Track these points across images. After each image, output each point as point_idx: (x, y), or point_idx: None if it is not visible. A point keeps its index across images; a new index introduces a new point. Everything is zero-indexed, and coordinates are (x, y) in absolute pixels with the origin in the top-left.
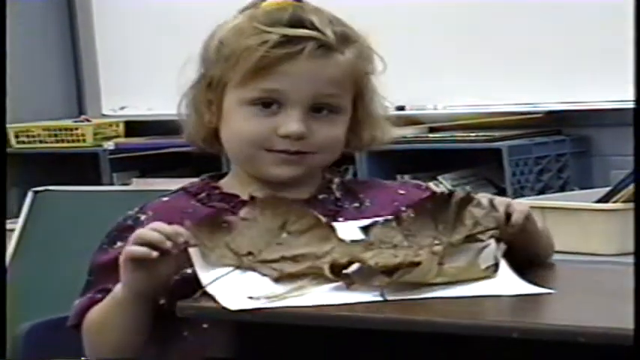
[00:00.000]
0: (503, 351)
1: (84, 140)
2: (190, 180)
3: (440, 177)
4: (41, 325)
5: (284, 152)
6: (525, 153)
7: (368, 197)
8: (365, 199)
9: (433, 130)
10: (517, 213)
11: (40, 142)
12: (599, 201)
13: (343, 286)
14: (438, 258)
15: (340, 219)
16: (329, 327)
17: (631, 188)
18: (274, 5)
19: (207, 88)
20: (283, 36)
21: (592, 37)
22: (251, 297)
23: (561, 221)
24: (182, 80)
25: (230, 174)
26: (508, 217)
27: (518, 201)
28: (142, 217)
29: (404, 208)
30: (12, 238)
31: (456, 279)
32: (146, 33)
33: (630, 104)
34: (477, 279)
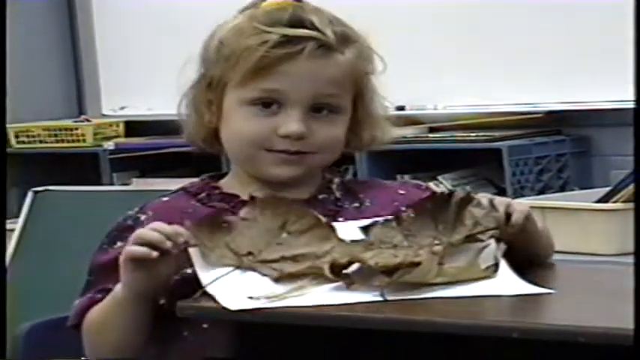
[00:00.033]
0: (503, 351)
1: (84, 140)
2: (190, 180)
3: (440, 177)
4: (41, 325)
5: (284, 152)
6: (525, 153)
7: (368, 197)
8: (365, 199)
9: (433, 130)
10: (517, 213)
11: (40, 142)
12: (599, 201)
13: (343, 286)
14: (438, 258)
15: (340, 219)
16: (329, 327)
17: (631, 188)
18: (274, 5)
19: (207, 88)
20: (283, 36)
21: (592, 37)
22: (251, 297)
23: (561, 221)
24: (182, 80)
25: (230, 174)
26: (508, 217)
27: (518, 201)
28: (142, 217)
29: (404, 208)
30: (12, 238)
31: (456, 279)
32: (146, 33)
33: (630, 104)
34: (477, 279)
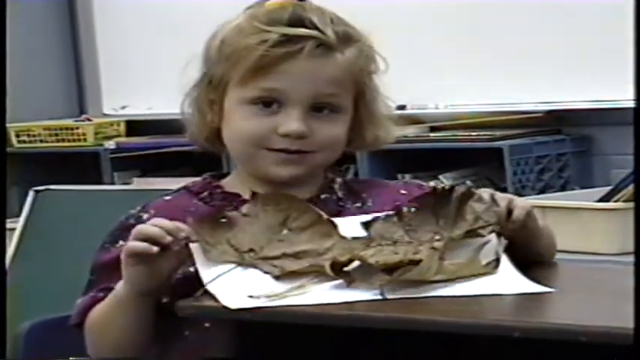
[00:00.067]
0: (504, 350)
1: (85, 140)
2: (191, 179)
3: (441, 176)
4: (42, 325)
5: (284, 151)
6: (526, 152)
7: (370, 197)
8: (367, 199)
9: (434, 130)
10: (518, 209)
11: (41, 142)
12: (600, 200)
13: (343, 285)
14: (439, 254)
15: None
16: (329, 326)
17: (632, 187)
18: (276, 5)
19: (209, 88)
20: (283, 35)
21: (592, 37)
22: (251, 296)
23: (562, 220)
24: (185, 80)
25: (233, 173)
26: (509, 213)
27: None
28: (145, 216)
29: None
30: (13, 238)
31: (456, 276)
32: (147, 32)
33: (631, 103)
34: (478, 275)
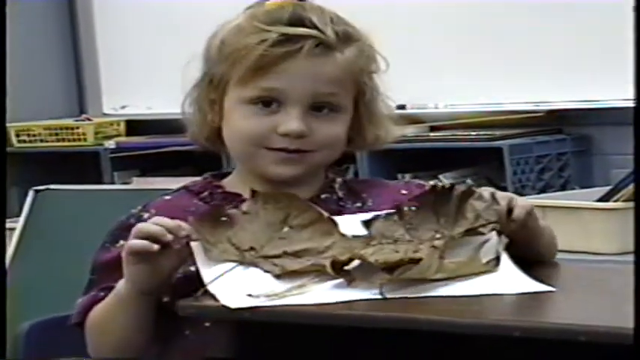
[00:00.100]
0: (504, 349)
1: (85, 139)
2: (191, 179)
3: (441, 176)
4: (41, 325)
5: (283, 150)
6: (526, 152)
7: (370, 197)
8: (367, 199)
9: (434, 129)
10: (519, 208)
11: (41, 141)
12: (600, 200)
13: (343, 284)
14: (439, 252)
15: None
16: (329, 325)
17: (632, 187)
18: (276, 4)
19: (209, 87)
20: (282, 34)
21: (592, 37)
22: (250, 295)
23: (562, 220)
24: (185, 79)
25: (233, 173)
26: (510, 212)
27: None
28: (145, 216)
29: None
30: (13, 238)
31: (457, 274)
32: (147, 32)
33: (630, 103)
34: (478, 273)
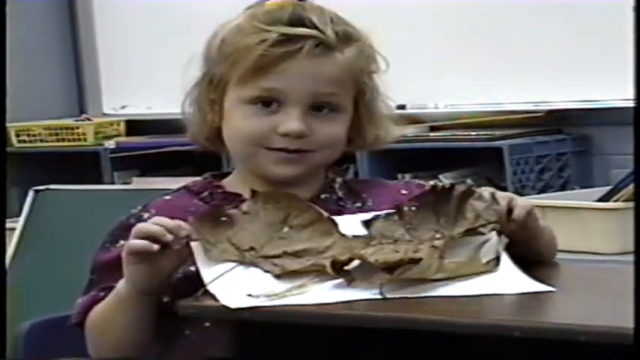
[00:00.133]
0: (504, 349)
1: (85, 139)
2: (191, 179)
3: (441, 176)
4: (42, 324)
5: (283, 150)
6: (526, 152)
7: (370, 197)
8: (367, 199)
9: (434, 129)
10: (519, 208)
11: (41, 141)
12: (599, 200)
13: (343, 284)
14: (439, 252)
15: None
16: (329, 325)
17: (631, 187)
18: (276, 4)
19: (209, 87)
20: (282, 34)
21: (592, 37)
22: (250, 295)
23: (562, 220)
24: (186, 79)
25: (233, 173)
26: (510, 212)
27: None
28: (145, 216)
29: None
30: (13, 238)
31: (457, 274)
32: (147, 32)
33: (630, 103)
34: (478, 273)
